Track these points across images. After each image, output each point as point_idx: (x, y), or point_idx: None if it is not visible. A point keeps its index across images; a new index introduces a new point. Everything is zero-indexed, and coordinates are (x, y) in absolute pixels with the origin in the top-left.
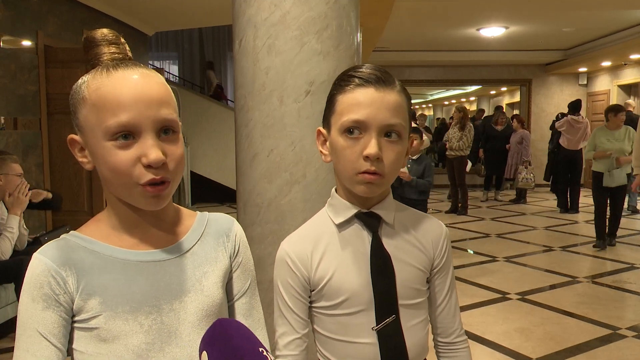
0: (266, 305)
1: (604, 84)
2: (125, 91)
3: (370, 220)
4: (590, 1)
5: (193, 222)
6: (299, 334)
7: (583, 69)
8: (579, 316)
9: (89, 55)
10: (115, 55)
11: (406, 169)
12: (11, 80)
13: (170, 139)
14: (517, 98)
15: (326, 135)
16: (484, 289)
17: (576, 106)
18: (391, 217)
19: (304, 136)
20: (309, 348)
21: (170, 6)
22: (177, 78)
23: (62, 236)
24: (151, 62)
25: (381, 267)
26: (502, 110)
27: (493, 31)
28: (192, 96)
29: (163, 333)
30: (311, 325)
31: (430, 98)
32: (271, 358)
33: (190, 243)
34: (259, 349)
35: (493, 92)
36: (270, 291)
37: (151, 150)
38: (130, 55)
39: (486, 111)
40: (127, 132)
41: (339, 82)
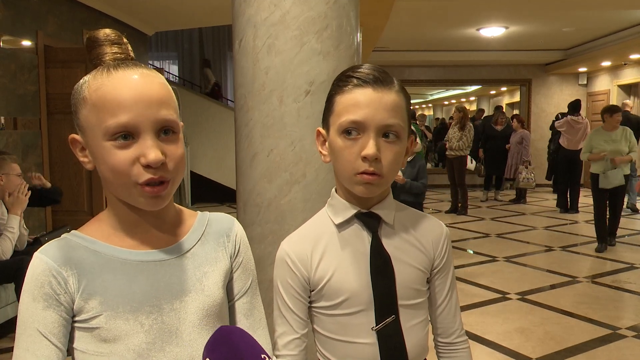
0: (266, 305)
1: (604, 84)
2: (125, 91)
3: (370, 221)
4: (590, 1)
5: (194, 222)
6: (298, 334)
7: (583, 69)
8: (578, 316)
9: (92, 55)
10: (117, 56)
11: (400, 171)
12: (11, 80)
13: (170, 139)
14: (517, 98)
15: (325, 136)
16: (484, 289)
17: (576, 106)
18: (391, 217)
19: (303, 136)
20: (308, 348)
21: (170, 6)
22: (177, 78)
23: (62, 235)
24: (151, 62)
25: (381, 267)
26: (501, 110)
27: (493, 31)
28: (192, 96)
29: (164, 333)
30: (311, 325)
31: (430, 98)
32: None
33: (190, 243)
34: (261, 356)
35: (493, 92)
36: (270, 291)
37: (150, 150)
38: (132, 56)
39: (486, 111)
40: (127, 133)
41: (337, 83)
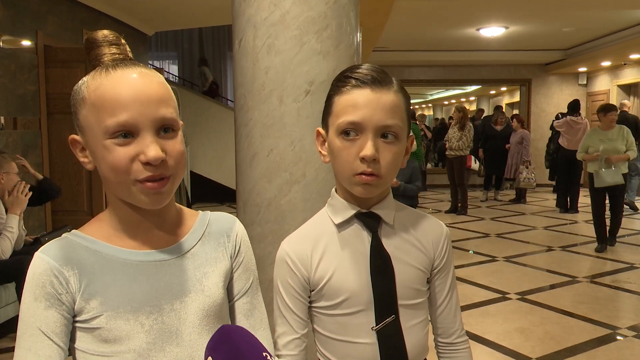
0: (266, 304)
1: (603, 83)
2: (124, 91)
3: (369, 221)
4: (590, 1)
5: (194, 222)
6: (298, 334)
7: (583, 69)
8: (578, 316)
9: (90, 56)
10: (116, 56)
11: None
12: (11, 80)
13: (170, 136)
14: (516, 98)
15: (325, 136)
16: (484, 289)
17: (575, 106)
18: (391, 217)
19: (303, 136)
20: (308, 348)
21: (170, 6)
22: (177, 78)
23: (63, 235)
24: (151, 62)
25: (381, 267)
26: (501, 110)
27: (493, 31)
28: (192, 96)
29: (164, 333)
30: (311, 325)
31: (430, 98)
32: None
33: (190, 244)
34: (263, 354)
35: (493, 92)
36: (270, 291)
37: (150, 148)
38: (130, 56)
39: (486, 111)
40: (127, 131)
41: (336, 83)
